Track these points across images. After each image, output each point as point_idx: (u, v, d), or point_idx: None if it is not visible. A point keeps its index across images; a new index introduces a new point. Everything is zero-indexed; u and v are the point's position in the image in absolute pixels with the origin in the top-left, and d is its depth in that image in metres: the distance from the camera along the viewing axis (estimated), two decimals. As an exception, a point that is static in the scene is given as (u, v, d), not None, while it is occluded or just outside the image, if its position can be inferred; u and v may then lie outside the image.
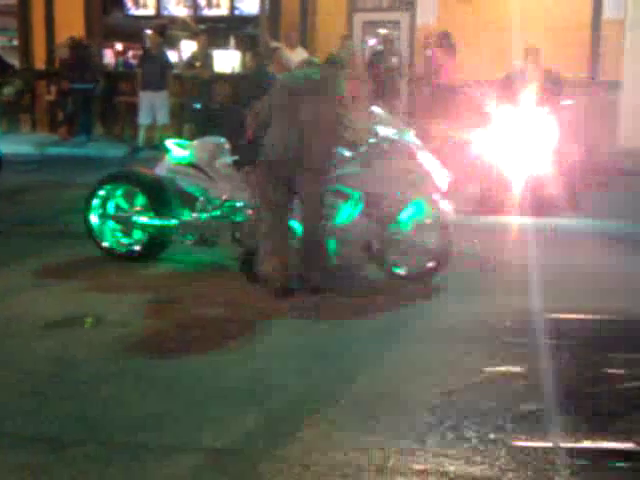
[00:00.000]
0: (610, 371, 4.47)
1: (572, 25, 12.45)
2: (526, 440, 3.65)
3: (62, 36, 12.14)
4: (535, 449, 3.57)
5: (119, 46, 17.38)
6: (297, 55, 12.49)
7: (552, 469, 3.41)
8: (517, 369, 4.47)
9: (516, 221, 7.89)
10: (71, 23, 14.86)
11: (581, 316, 5.40)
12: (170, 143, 6.83)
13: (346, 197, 6.14)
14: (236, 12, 15.50)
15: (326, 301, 5.66)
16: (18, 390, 4.19)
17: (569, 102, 9.71)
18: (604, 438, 3.69)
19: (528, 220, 7.85)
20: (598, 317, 5.39)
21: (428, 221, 6.18)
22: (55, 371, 4.45)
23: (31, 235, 7.67)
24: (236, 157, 6.64)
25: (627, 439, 3.67)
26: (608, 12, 12.42)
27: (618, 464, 3.50)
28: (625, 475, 3.46)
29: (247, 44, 15.98)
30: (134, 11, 16.30)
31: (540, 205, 8.26)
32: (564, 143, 8.79)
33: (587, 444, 3.63)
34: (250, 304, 5.69)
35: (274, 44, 12.66)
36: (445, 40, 12.48)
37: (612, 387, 4.25)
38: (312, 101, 5.74)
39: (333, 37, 12.82)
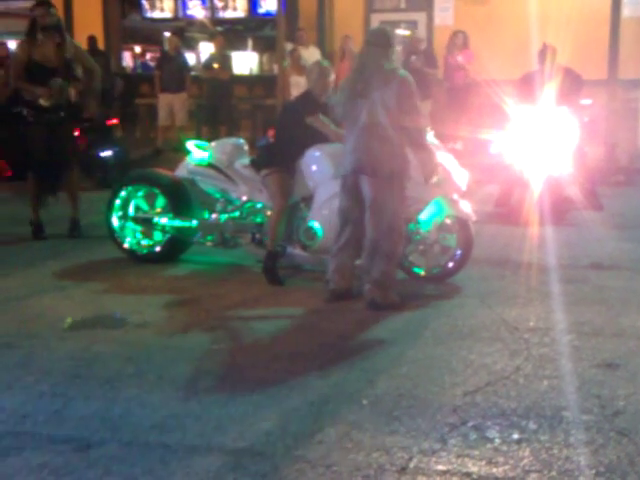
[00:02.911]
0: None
1: (590, 23, 12.37)
2: (549, 440, 3.62)
3: (81, 39, 12.19)
4: (559, 449, 3.54)
5: (137, 48, 17.47)
6: (310, 54, 12.54)
7: (577, 469, 3.38)
8: (539, 369, 4.44)
9: (536, 223, 7.83)
10: (89, 26, 14.92)
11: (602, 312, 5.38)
12: (190, 145, 6.84)
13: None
14: (253, 13, 15.52)
15: (344, 302, 5.66)
16: (38, 390, 4.21)
17: (588, 101, 9.65)
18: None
19: (548, 221, 7.80)
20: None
21: (448, 221, 6.16)
22: (76, 371, 4.46)
23: (52, 237, 7.70)
24: (254, 158, 6.65)
25: None
26: (627, 10, 12.33)
27: None
28: None
29: (265, 45, 16.02)
30: (152, 14, 16.37)
31: (562, 206, 8.21)
32: (585, 143, 8.74)
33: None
34: (270, 305, 5.70)
35: (289, 46, 12.70)
36: (459, 41, 12.44)
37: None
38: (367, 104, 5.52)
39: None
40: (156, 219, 6.77)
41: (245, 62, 16.02)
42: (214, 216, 6.66)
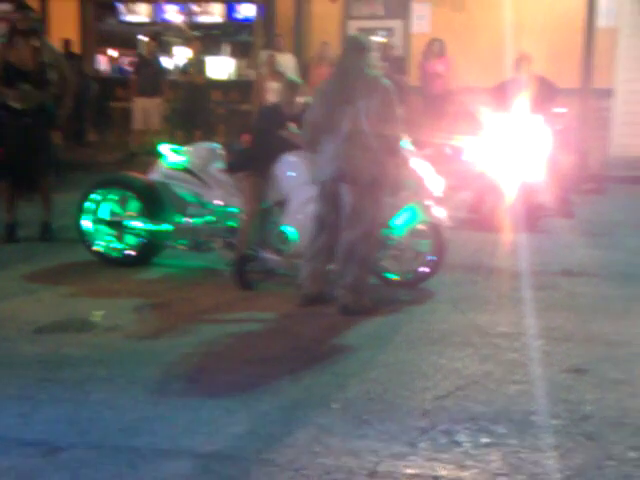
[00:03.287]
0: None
1: (565, 33, 12.50)
2: (518, 444, 3.65)
3: (56, 42, 12.13)
4: (528, 453, 3.56)
5: (113, 52, 17.38)
6: (286, 60, 12.55)
7: (545, 473, 3.40)
8: (509, 374, 4.47)
9: (509, 229, 7.88)
10: (65, 29, 14.84)
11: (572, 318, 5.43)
12: (164, 148, 6.82)
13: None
14: (230, 18, 15.52)
15: (316, 306, 5.66)
16: (6, 393, 4.17)
17: (562, 110, 9.72)
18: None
19: (521, 228, 7.85)
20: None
21: (421, 227, 6.19)
22: (45, 375, 4.42)
23: (24, 240, 7.64)
24: (229, 162, 6.64)
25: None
26: (601, 20, 12.47)
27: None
28: None
29: (241, 51, 16.01)
30: (128, 17, 16.31)
31: (534, 213, 8.27)
32: (558, 151, 8.82)
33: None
34: (242, 309, 5.70)
35: (265, 52, 12.72)
36: (435, 48, 12.51)
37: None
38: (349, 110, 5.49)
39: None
40: (129, 222, 6.73)
41: (221, 67, 16.01)
42: (187, 220, 6.64)
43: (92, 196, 6.81)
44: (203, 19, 15.76)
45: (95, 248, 6.80)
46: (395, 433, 3.74)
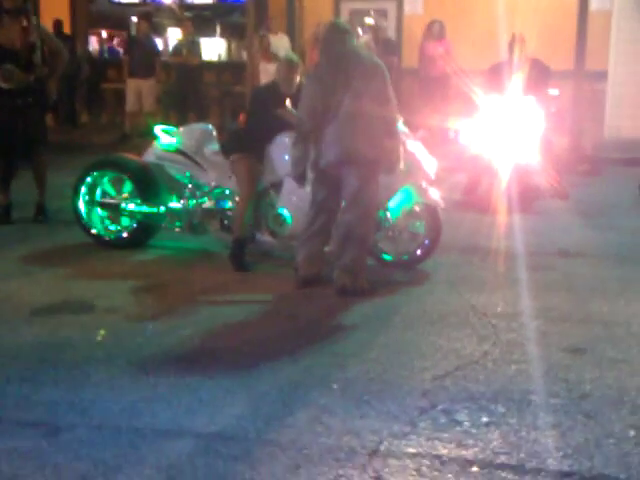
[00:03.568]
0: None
1: (559, 15, 12.47)
2: (518, 423, 3.67)
3: (47, 23, 12.02)
4: (527, 432, 3.58)
5: (104, 33, 17.29)
6: (279, 40, 12.48)
7: (545, 451, 3.42)
8: (507, 354, 4.49)
9: (504, 211, 7.89)
10: (56, 10, 14.71)
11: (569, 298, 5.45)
12: (158, 130, 6.78)
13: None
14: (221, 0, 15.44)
15: (313, 288, 5.66)
16: (5, 375, 4.16)
17: (556, 92, 9.73)
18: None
19: (516, 210, 7.86)
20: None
21: (417, 208, 6.19)
22: (44, 356, 4.42)
23: (19, 221, 7.61)
24: (223, 144, 6.62)
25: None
26: (595, 3, 12.44)
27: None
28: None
29: (233, 32, 15.95)
30: (119, -2, 16.22)
31: (529, 194, 8.29)
32: (551, 133, 8.82)
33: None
34: (239, 290, 5.70)
35: (258, 34, 12.65)
36: (435, 30, 12.43)
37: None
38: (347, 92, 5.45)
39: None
40: (123, 204, 6.71)
41: (213, 48, 15.94)
42: (182, 202, 6.62)
43: (87, 178, 6.78)
44: (195, 0, 15.68)
45: (92, 230, 6.77)
46: (395, 413, 3.76)
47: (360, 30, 12.48)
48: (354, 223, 5.50)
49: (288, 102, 6.06)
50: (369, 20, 12.99)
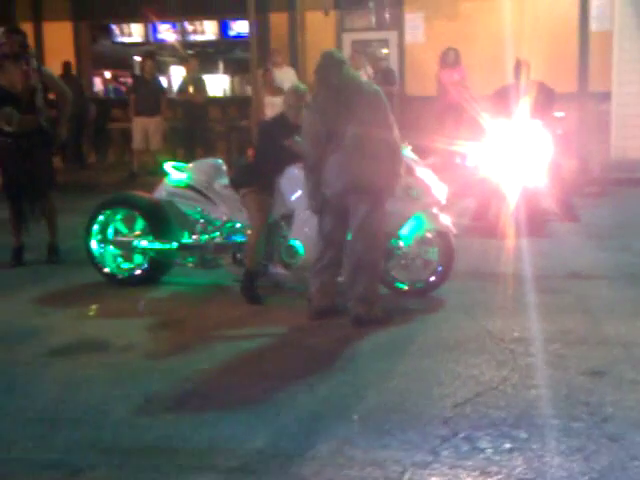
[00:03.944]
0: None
1: (561, 38, 12.56)
2: (541, 449, 3.64)
3: (53, 65, 12.16)
4: (551, 457, 3.55)
5: (107, 73, 17.46)
6: (285, 74, 12.56)
7: (570, 476, 3.39)
8: (526, 378, 4.46)
9: (514, 235, 7.88)
10: (61, 52, 14.89)
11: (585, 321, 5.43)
12: (168, 166, 6.83)
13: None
14: (224, 36, 15.58)
15: (329, 319, 5.66)
16: (25, 416, 4.16)
17: (561, 114, 9.76)
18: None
19: (526, 233, 7.86)
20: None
21: (429, 235, 6.20)
22: (62, 396, 4.42)
23: (32, 263, 7.64)
24: (232, 178, 6.64)
25: None
26: (595, 24, 12.53)
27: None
28: None
29: (236, 67, 16.09)
30: (122, 38, 16.38)
31: (539, 217, 8.29)
32: (559, 155, 8.84)
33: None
34: (254, 324, 5.70)
35: (262, 68, 12.74)
36: (450, 58, 12.49)
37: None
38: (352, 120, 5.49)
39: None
40: (136, 242, 6.73)
41: (217, 84, 16.07)
42: (194, 237, 6.64)
43: (99, 217, 6.81)
44: (197, 37, 15.84)
45: (105, 269, 6.79)
46: (417, 442, 3.74)
47: (363, 61, 12.58)
48: (364, 252, 5.50)
49: (297, 135, 6.10)
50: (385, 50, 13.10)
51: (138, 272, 6.77)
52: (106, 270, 6.80)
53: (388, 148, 5.56)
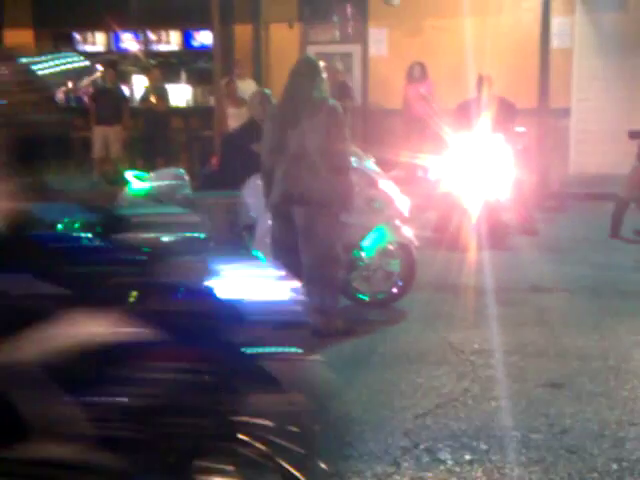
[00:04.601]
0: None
1: (521, 54, 12.71)
2: (501, 460, 3.65)
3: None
4: (510, 468, 3.57)
5: (69, 83, 17.27)
6: (247, 85, 12.53)
7: (529, 488, 3.41)
8: (487, 390, 4.48)
9: (475, 248, 7.93)
10: (21, 60, 14.69)
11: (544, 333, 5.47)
12: (129, 175, 6.76)
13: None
14: (187, 46, 15.54)
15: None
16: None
17: (522, 129, 9.86)
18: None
19: (487, 246, 7.92)
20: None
21: (391, 247, 6.22)
22: None
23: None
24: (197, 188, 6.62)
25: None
26: (556, 41, 12.70)
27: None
28: None
29: (199, 78, 16.03)
30: (84, 47, 16.24)
31: (499, 230, 8.36)
32: (519, 169, 8.92)
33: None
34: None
35: (225, 79, 12.72)
36: (416, 72, 12.56)
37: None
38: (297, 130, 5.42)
39: (286, 69, 12.87)
40: (96, 251, 6.64)
41: (180, 94, 15.98)
42: (155, 247, 6.57)
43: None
44: (160, 47, 15.76)
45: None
46: (378, 453, 3.73)
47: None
48: (314, 265, 5.42)
49: None
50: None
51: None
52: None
53: (333, 161, 5.43)
